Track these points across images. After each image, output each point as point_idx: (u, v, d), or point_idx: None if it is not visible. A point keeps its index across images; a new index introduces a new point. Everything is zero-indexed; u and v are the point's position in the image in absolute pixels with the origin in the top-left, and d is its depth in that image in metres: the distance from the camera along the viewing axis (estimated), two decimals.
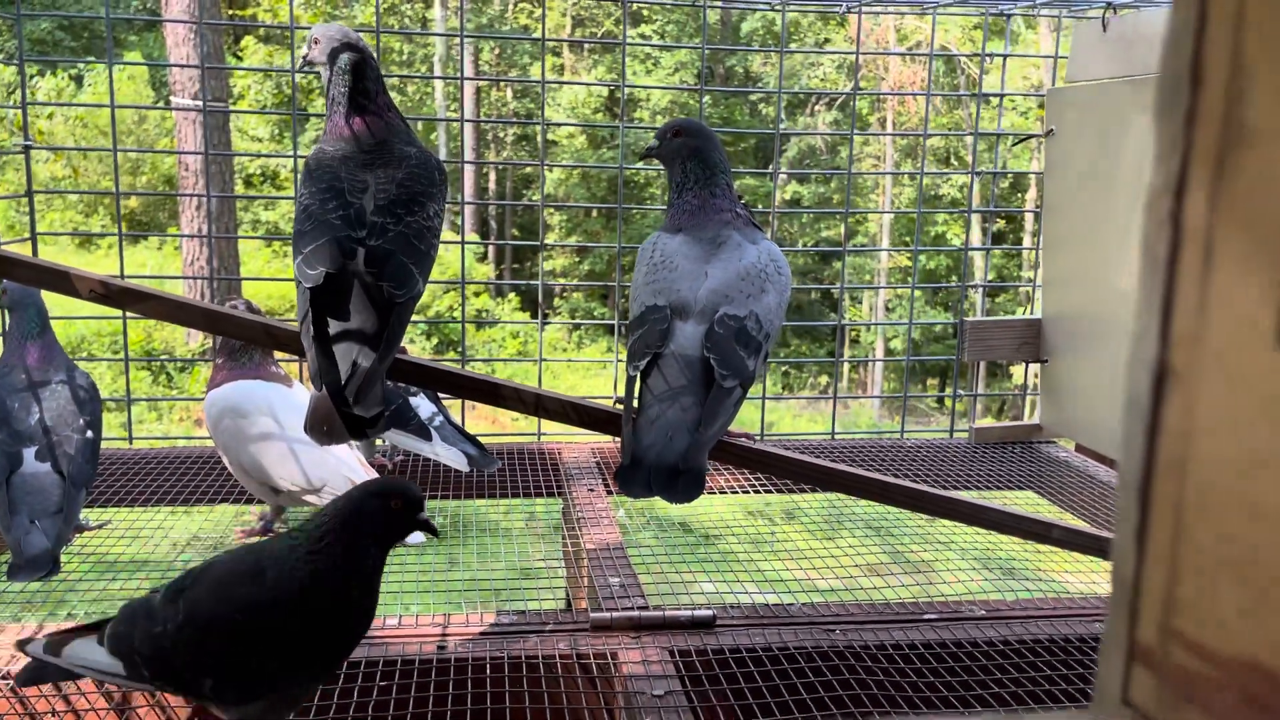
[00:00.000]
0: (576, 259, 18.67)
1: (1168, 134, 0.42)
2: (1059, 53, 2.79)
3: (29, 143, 2.32)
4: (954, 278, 18.55)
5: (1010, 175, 16.63)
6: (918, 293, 17.70)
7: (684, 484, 1.34)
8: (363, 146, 1.57)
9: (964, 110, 18.66)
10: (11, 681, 1.48)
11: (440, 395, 2.39)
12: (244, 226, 16.10)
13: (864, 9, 2.63)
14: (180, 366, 11.06)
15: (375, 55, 1.63)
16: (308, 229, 1.45)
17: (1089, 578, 2.16)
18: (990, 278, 17.86)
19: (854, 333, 18.58)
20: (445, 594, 1.94)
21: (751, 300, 1.51)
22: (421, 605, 1.87)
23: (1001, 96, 2.82)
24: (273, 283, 13.02)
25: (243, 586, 1.20)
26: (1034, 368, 2.81)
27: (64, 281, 1.54)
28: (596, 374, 13.25)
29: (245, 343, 2.08)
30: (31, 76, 16.46)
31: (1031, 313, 2.82)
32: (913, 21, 18.28)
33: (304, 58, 1.62)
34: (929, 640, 1.71)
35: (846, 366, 18.01)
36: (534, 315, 16.87)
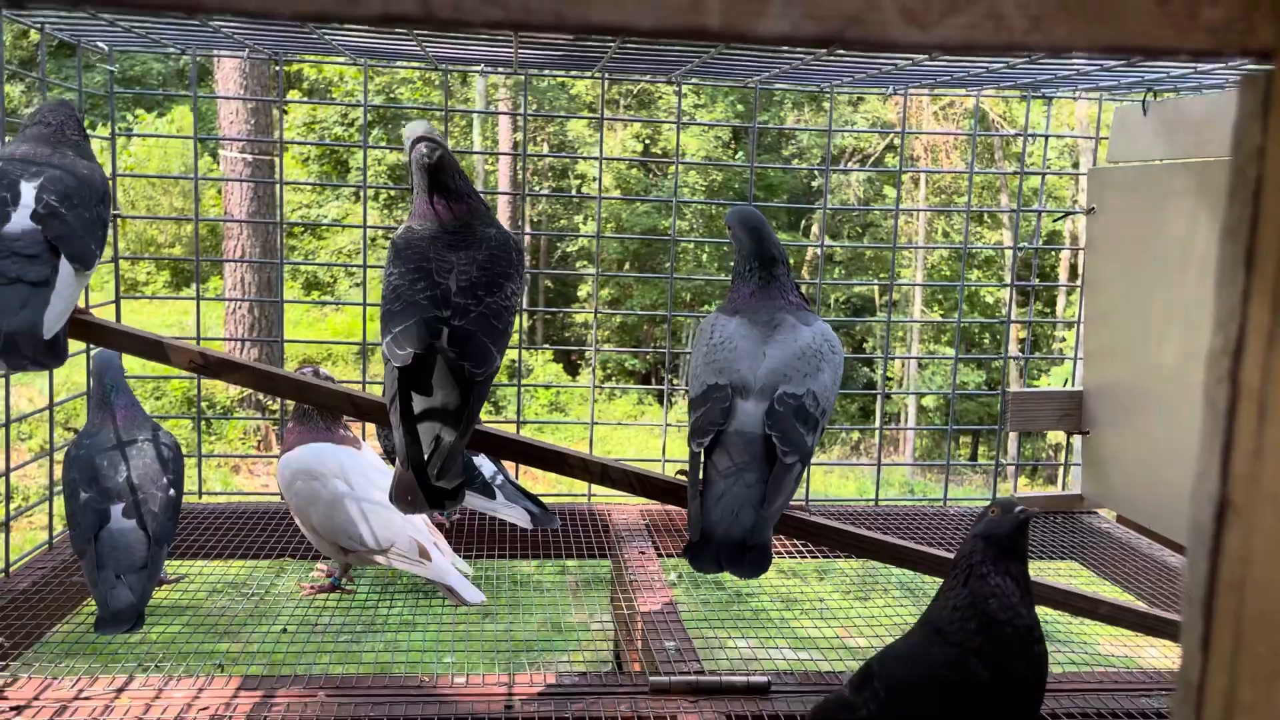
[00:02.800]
0: (607, 315, 18.84)
1: (1225, 306, 0.51)
2: (1099, 133, 2.88)
3: (117, 211, 2.46)
4: (986, 337, 18.56)
5: (1045, 245, 16.66)
6: (950, 352, 17.66)
7: (751, 560, 1.42)
8: (447, 228, 1.67)
9: (997, 169, 18.79)
10: None
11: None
12: (285, 280, 16.40)
13: (910, 91, 2.73)
14: (221, 414, 11.24)
15: (448, 148, 1.74)
16: (397, 309, 1.55)
17: (1129, 644, 2.20)
18: (1022, 336, 17.84)
19: (886, 387, 18.57)
20: (501, 653, 2.01)
21: (809, 379, 1.60)
22: (477, 663, 1.94)
23: (1044, 175, 2.91)
24: (311, 337, 13.28)
25: (928, 650, 1.29)
26: (1074, 435, 2.86)
27: (161, 352, 1.65)
28: (640, 432, 13.30)
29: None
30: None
31: (1073, 383, 2.87)
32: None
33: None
34: None
35: (879, 423, 17.97)
36: (567, 369, 17.01)
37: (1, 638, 1.87)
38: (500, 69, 2.66)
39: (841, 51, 2.07)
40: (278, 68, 2.70)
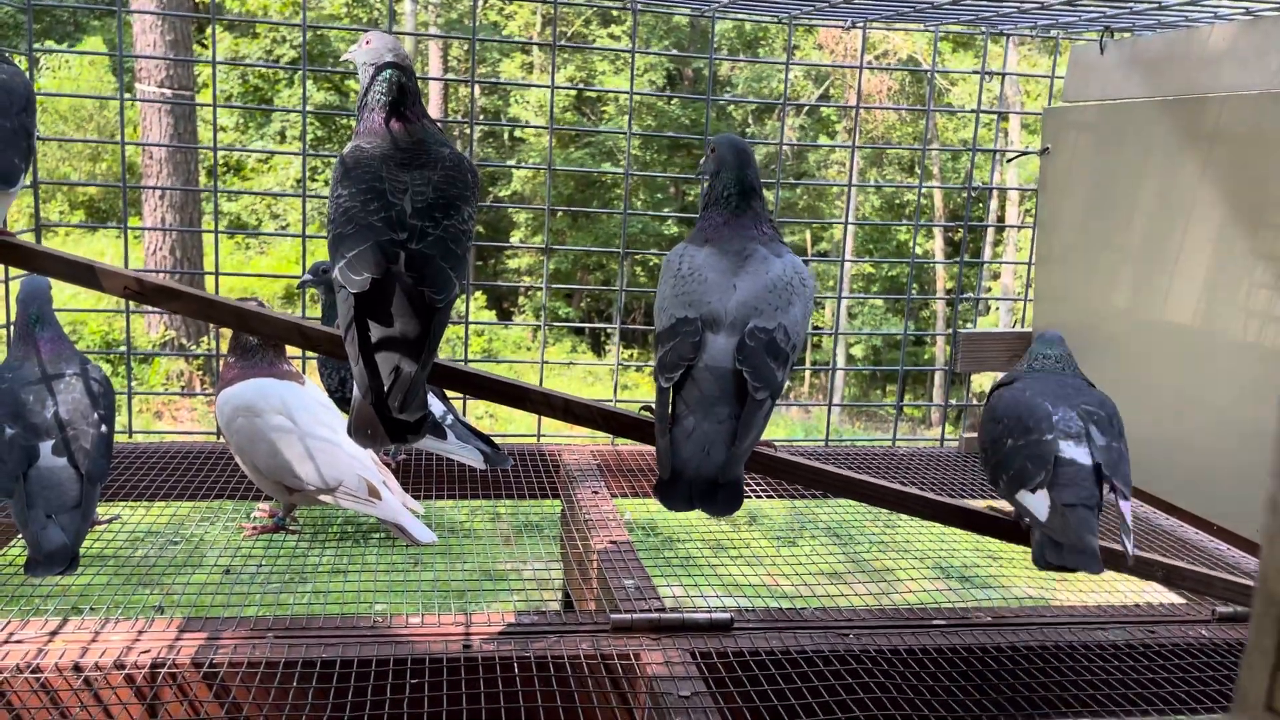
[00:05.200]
0: (541, 258, 18.63)
1: None
2: (1055, 72, 2.87)
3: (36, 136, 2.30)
4: (916, 286, 18.79)
5: (994, 190, 16.85)
6: (879, 301, 17.83)
7: (724, 497, 1.38)
8: (399, 145, 1.58)
9: (929, 121, 18.94)
10: (43, 675, 1.49)
11: (449, 394, 2.41)
12: (205, 218, 15.91)
13: (869, 25, 2.68)
14: (141, 359, 10.90)
15: (413, 70, 1.65)
16: (349, 232, 1.46)
17: (1042, 585, 2.24)
18: (949, 287, 18.11)
19: (814, 339, 18.76)
20: (449, 593, 1.95)
21: (780, 313, 1.55)
22: (431, 603, 1.88)
23: (1006, 114, 2.89)
24: (236, 276, 12.87)
25: None
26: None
27: (93, 277, 1.54)
28: (581, 378, 13.23)
29: (262, 341, 2.09)
30: None
31: (1022, 325, 2.89)
32: (876, 33, 18.46)
33: (349, 55, 1.64)
34: (940, 645, 1.76)
35: (808, 373, 18.15)
36: (499, 314, 16.82)
37: None
38: None
39: None
40: None
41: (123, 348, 3.08)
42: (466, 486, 2.45)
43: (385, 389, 1.38)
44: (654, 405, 1.62)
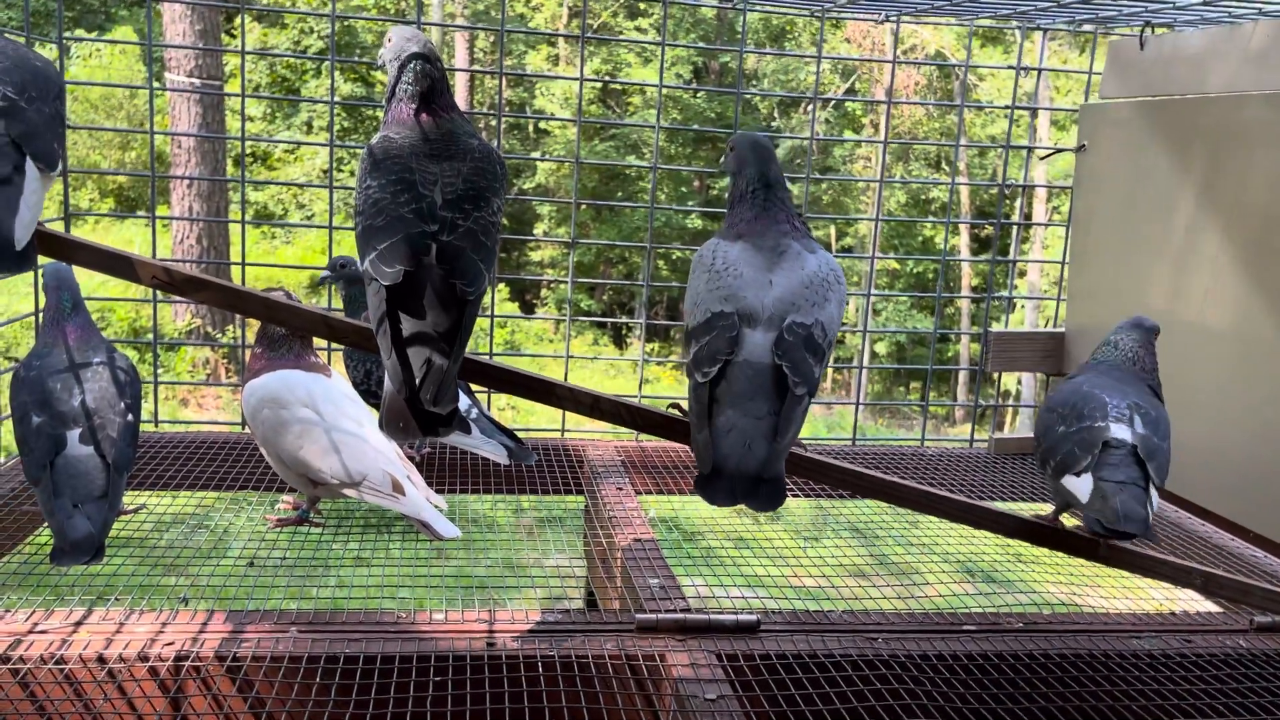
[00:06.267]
0: (565, 251, 18.64)
1: None
2: (1092, 68, 2.81)
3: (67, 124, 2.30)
4: (943, 283, 18.64)
5: (1031, 188, 16.70)
6: (903, 297, 17.71)
7: (766, 492, 1.36)
8: (428, 136, 1.56)
9: (955, 116, 18.80)
10: (67, 666, 1.48)
11: (474, 388, 2.40)
12: (233, 207, 16.03)
13: (901, 20, 2.64)
14: (167, 346, 10.97)
15: (441, 62, 1.63)
16: (380, 224, 1.44)
17: (1071, 587, 2.20)
18: (976, 284, 17.98)
19: (839, 335, 18.65)
20: (471, 588, 1.94)
21: (816, 308, 1.52)
22: (461, 602, 1.87)
23: (1038, 110, 2.84)
24: (261, 266, 12.94)
25: None
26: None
27: (127, 267, 1.53)
28: (603, 371, 13.23)
29: (289, 332, 2.08)
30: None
31: (1055, 325, 2.84)
32: (907, 27, 18.33)
33: (379, 57, 1.63)
34: (970, 651, 1.73)
35: (830, 369, 18.08)
36: (522, 306, 16.83)
37: None
38: None
39: None
40: None
41: (150, 335, 3.09)
42: (490, 481, 2.43)
43: (418, 382, 1.37)
44: (684, 402, 1.60)
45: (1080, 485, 1.58)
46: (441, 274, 1.41)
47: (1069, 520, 1.70)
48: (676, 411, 1.62)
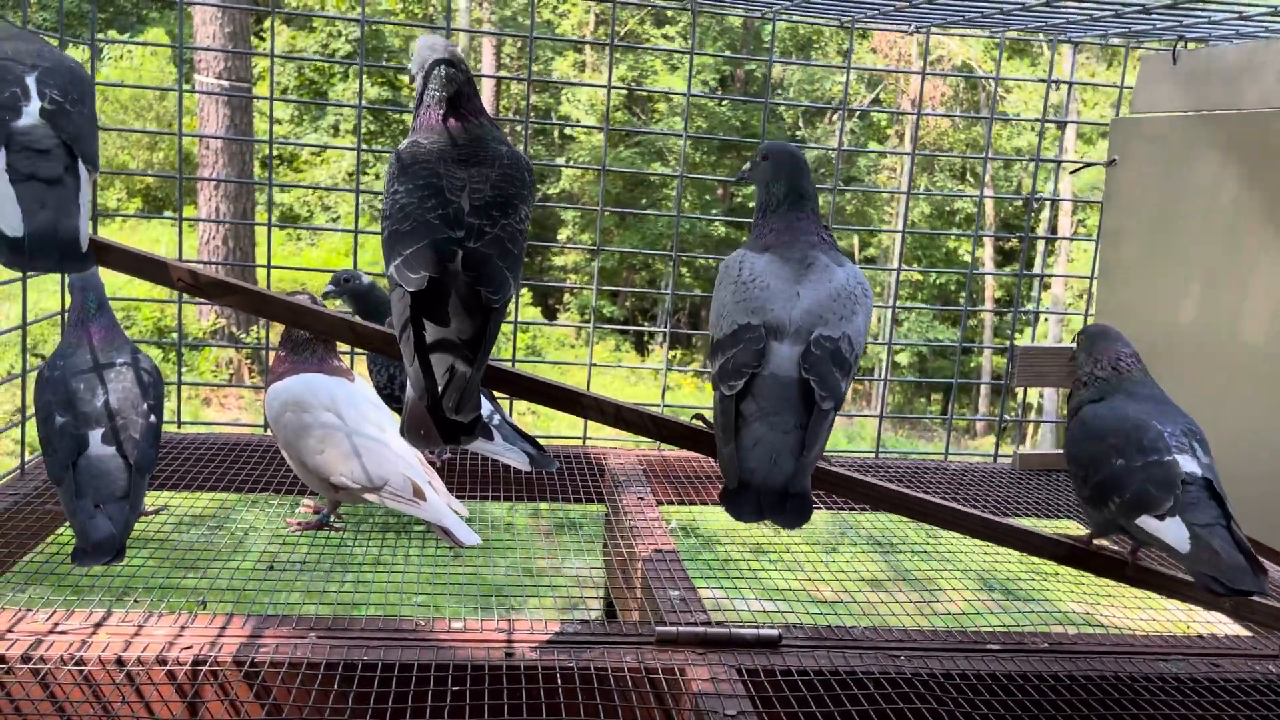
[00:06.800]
0: (589, 257, 18.66)
1: None
2: (1123, 81, 2.78)
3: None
4: (966, 296, 18.55)
5: (1058, 202, 16.59)
6: (926, 309, 17.59)
7: (793, 507, 1.34)
8: (457, 142, 1.55)
9: (982, 128, 18.64)
10: (86, 667, 1.48)
11: (496, 394, 2.39)
12: (259, 209, 16.16)
13: (931, 30, 2.62)
14: (191, 346, 11.04)
15: (467, 66, 1.63)
16: (406, 229, 1.43)
17: (1090, 603, 2.17)
18: (999, 297, 17.86)
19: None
20: (490, 596, 1.92)
21: (844, 322, 1.51)
22: (479, 610, 1.86)
23: (1066, 124, 2.81)
24: (287, 270, 13.01)
25: None
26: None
27: (158, 270, 1.53)
28: (624, 378, 13.22)
29: (313, 336, 2.08)
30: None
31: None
32: (934, 38, 18.28)
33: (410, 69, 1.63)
34: (994, 671, 1.70)
35: (885, 373, 17.99)
36: (544, 312, 16.86)
37: None
38: None
39: None
40: None
41: (174, 335, 3.10)
42: (511, 488, 2.43)
43: (440, 389, 1.36)
44: (707, 413, 1.59)
45: (1170, 531, 1.51)
46: (467, 281, 1.40)
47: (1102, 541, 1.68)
48: (700, 423, 1.61)
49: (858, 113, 18.65)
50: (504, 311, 1.46)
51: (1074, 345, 1.93)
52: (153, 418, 1.94)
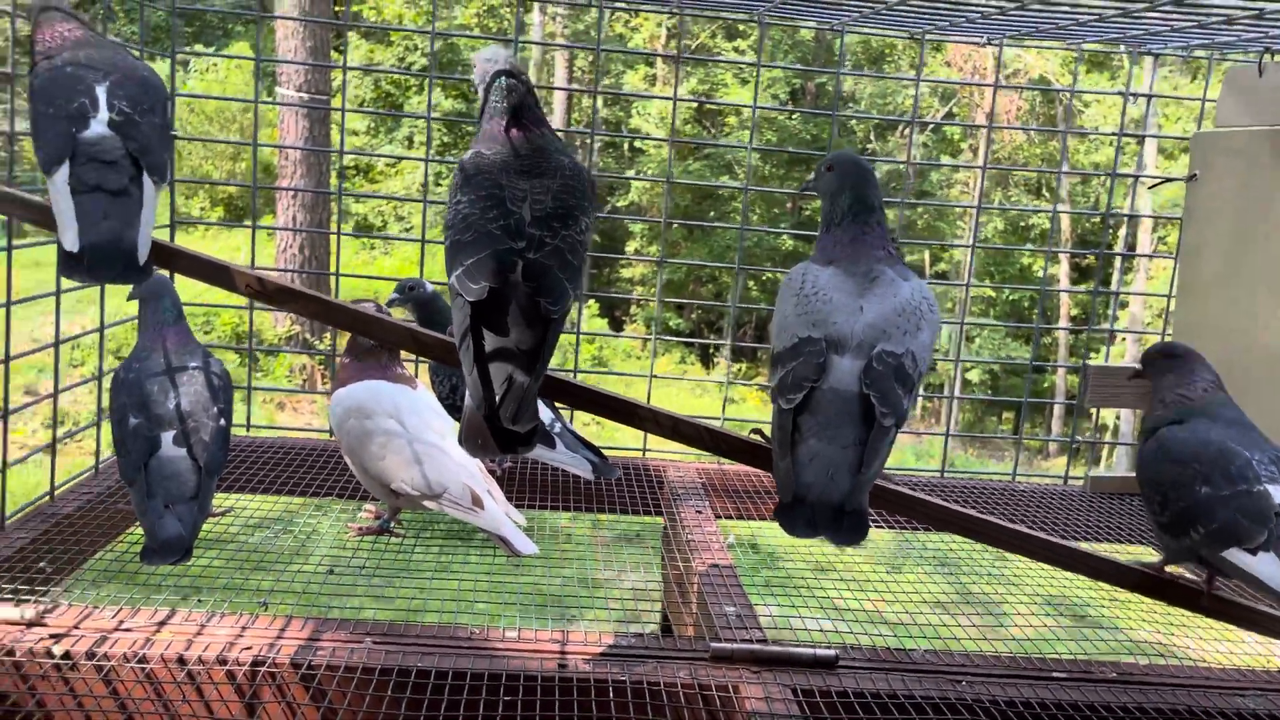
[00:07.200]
0: (655, 269, 18.68)
1: None
2: (1206, 95, 2.70)
3: (174, 131, 2.38)
4: (1035, 313, 18.17)
5: (1137, 218, 16.18)
6: (999, 326, 17.26)
7: (849, 525, 1.32)
8: (519, 152, 1.56)
9: (1058, 142, 18.27)
10: (148, 665, 1.51)
11: (557, 403, 2.40)
12: (334, 218, 16.48)
13: (1005, 43, 2.57)
14: (266, 352, 11.29)
15: (528, 77, 1.64)
16: (468, 239, 1.45)
17: (1166, 632, 2.09)
18: (1075, 314, 17.47)
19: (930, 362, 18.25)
20: (546, 607, 1.92)
21: (908, 337, 1.48)
22: (535, 620, 1.86)
23: (1144, 138, 2.74)
24: (359, 278, 13.26)
25: None
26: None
27: (225, 276, 1.56)
28: (689, 391, 13.18)
29: (377, 344, 2.10)
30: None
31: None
32: (1009, 51, 17.98)
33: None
34: (1059, 700, 1.65)
35: (920, 396, 17.73)
36: (611, 323, 16.91)
37: (44, 562, 1.82)
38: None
39: None
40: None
41: (251, 340, 3.17)
42: (571, 498, 2.43)
43: (498, 399, 1.36)
44: (766, 427, 1.57)
45: (1263, 567, 1.45)
46: (527, 291, 1.41)
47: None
48: (759, 437, 1.59)
49: (930, 126, 18.43)
50: (563, 322, 1.46)
51: (1139, 365, 1.87)
52: (222, 421, 1.98)
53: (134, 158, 1.48)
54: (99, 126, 1.49)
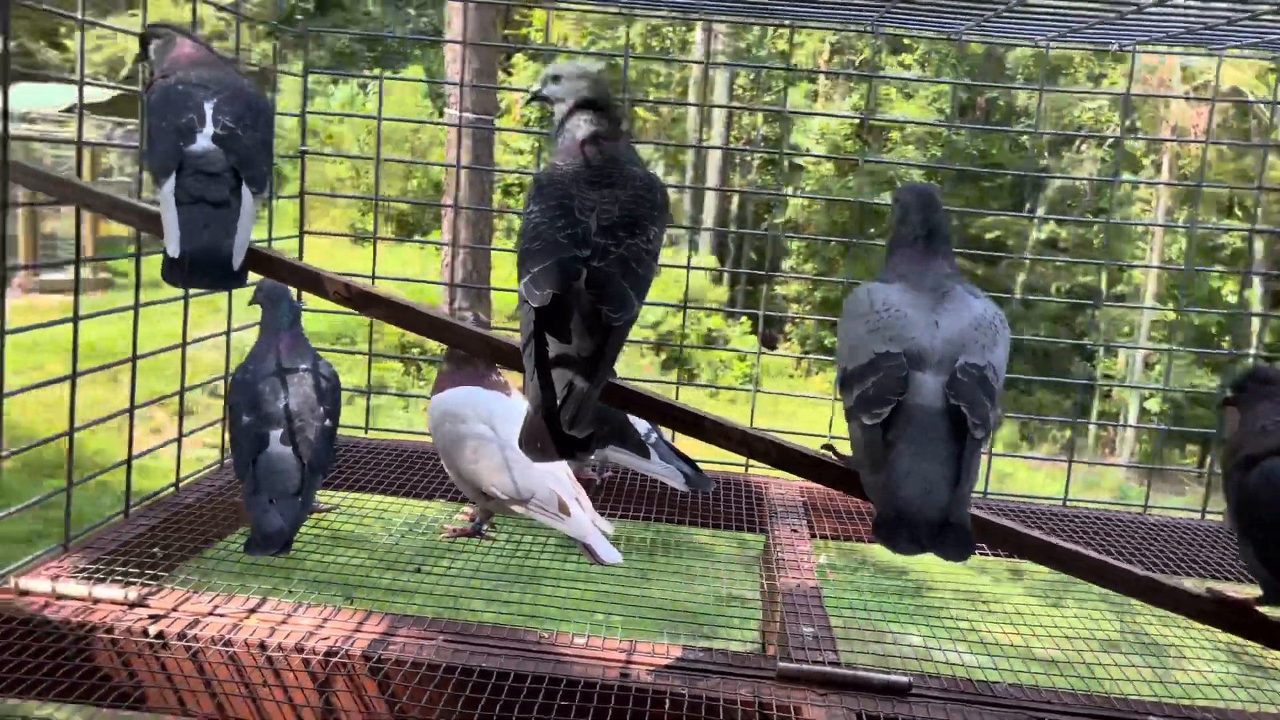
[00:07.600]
0: (811, 286, 18.46)
1: None
2: None
3: (304, 149, 2.53)
4: (1225, 339, 16.89)
5: None
6: (1183, 353, 16.30)
7: (953, 539, 1.29)
8: (591, 164, 1.60)
9: (1253, 157, 17.06)
10: (233, 649, 1.60)
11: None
12: (498, 234, 17.03)
13: (1138, 49, 2.44)
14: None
15: (607, 89, 1.67)
16: (536, 248, 1.48)
17: None
18: (1270, 342, 16.24)
19: (1104, 389, 17.33)
20: (631, 618, 1.92)
21: (986, 350, 1.44)
22: (605, 627, 1.86)
23: None
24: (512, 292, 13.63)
25: None
26: None
27: (315, 282, 1.65)
28: (816, 406, 12.99)
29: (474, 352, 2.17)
30: (326, 85, 18.10)
31: None
32: (1200, 61, 16.95)
33: (536, 92, 1.69)
34: None
35: (1093, 426, 16.82)
36: (765, 341, 16.82)
37: (157, 548, 1.95)
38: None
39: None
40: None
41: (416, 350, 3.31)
42: (667, 510, 2.43)
43: (558, 403, 1.39)
44: (838, 444, 1.54)
45: None
46: (590, 299, 1.43)
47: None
48: (830, 454, 1.56)
49: (1109, 141, 17.55)
50: (626, 330, 1.48)
51: (1230, 391, 1.73)
52: (328, 421, 2.09)
53: (235, 170, 1.59)
54: (204, 140, 1.60)
